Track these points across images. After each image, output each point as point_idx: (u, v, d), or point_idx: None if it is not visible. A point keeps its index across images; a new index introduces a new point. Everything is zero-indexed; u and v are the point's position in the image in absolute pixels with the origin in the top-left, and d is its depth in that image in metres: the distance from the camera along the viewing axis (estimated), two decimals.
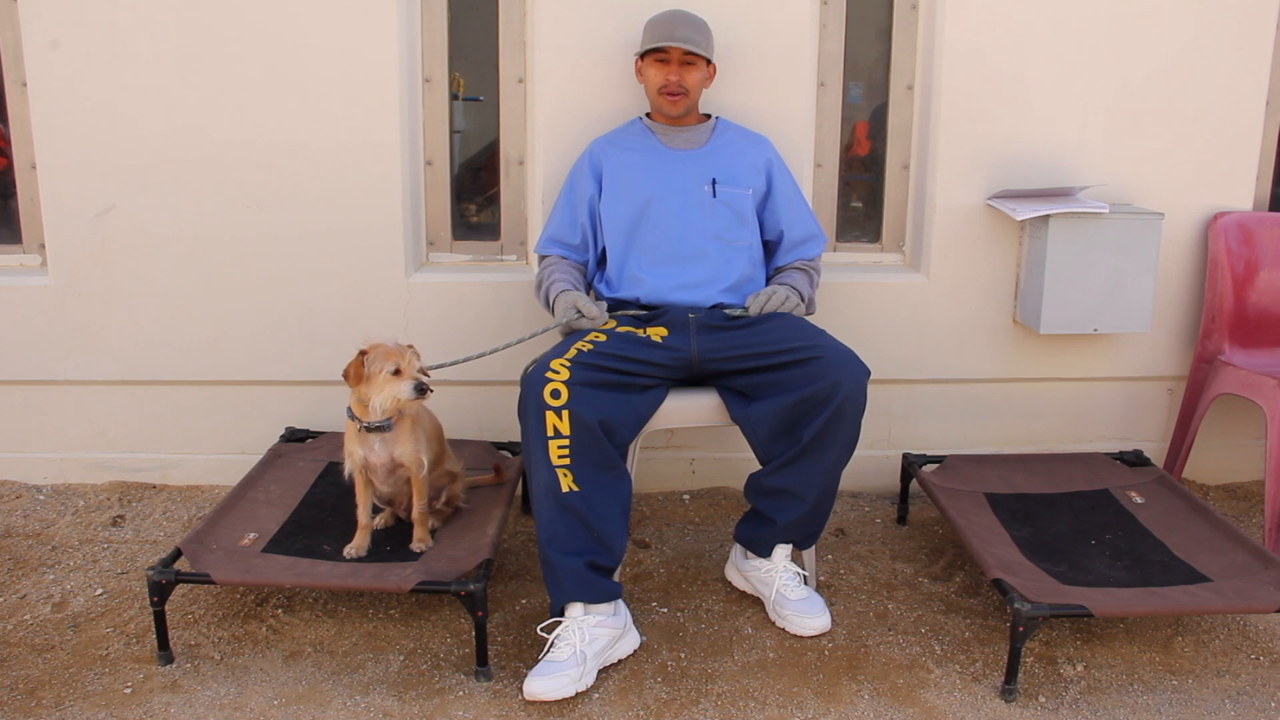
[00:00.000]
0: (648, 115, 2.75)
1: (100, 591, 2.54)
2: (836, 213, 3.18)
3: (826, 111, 3.10)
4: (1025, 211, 2.86)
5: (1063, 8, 2.93)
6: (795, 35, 2.91)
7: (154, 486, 3.14)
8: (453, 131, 3.07)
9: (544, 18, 2.87)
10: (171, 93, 2.86)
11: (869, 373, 2.31)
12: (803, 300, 2.58)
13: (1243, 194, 3.07)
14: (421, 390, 2.22)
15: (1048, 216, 2.85)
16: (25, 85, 2.92)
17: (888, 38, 3.09)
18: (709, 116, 2.76)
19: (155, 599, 2.19)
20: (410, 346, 2.30)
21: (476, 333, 3.01)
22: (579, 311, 2.44)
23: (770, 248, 2.71)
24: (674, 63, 2.58)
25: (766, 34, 2.89)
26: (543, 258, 2.73)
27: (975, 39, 2.93)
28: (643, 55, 2.63)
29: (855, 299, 3.06)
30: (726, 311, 2.50)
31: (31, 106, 2.89)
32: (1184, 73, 2.99)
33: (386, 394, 2.22)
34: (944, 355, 3.12)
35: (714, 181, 2.61)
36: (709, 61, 2.64)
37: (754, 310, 2.47)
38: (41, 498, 3.06)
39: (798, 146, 2.95)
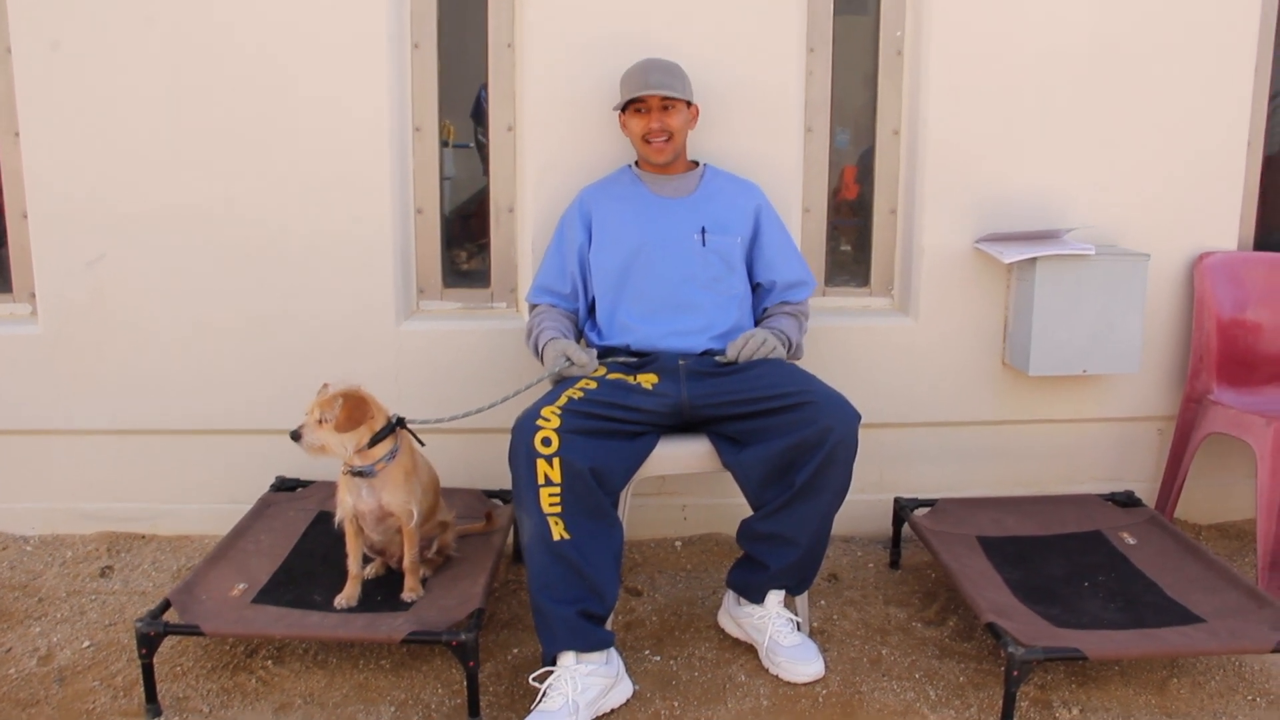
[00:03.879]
0: (636, 164, 2.76)
1: (87, 644, 2.52)
2: (825, 257, 3.19)
3: (814, 157, 3.13)
4: (1012, 254, 2.87)
5: (1047, 52, 2.97)
6: (782, 82, 2.94)
7: (143, 536, 3.13)
8: (443, 179, 3.09)
9: (533, 67, 2.90)
10: (162, 142, 2.89)
11: (860, 417, 2.30)
12: (789, 344, 2.59)
13: (1227, 234, 3.11)
14: (292, 436, 2.24)
15: (1035, 259, 2.87)
16: (17, 135, 2.94)
17: (873, 83, 3.12)
18: (697, 164, 2.77)
19: (143, 651, 2.18)
20: (324, 385, 2.31)
21: (467, 380, 3.01)
22: (569, 359, 2.44)
23: (759, 293, 2.72)
24: (653, 110, 2.60)
25: (754, 82, 2.92)
26: (533, 306, 2.73)
27: (960, 83, 2.97)
28: (622, 109, 2.65)
29: (845, 343, 3.06)
30: (716, 358, 2.50)
31: (23, 156, 2.91)
32: (1168, 115, 3.03)
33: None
34: (934, 398, 3.13)
35: (703, 229, 2.62)
36: (689, 103, 2.65)
37: (732, 355, 2.47)
38: (29, 549, 3.05)
39: (786, 192, 2.97)
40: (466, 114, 3.10)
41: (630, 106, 2.62)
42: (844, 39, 3.09)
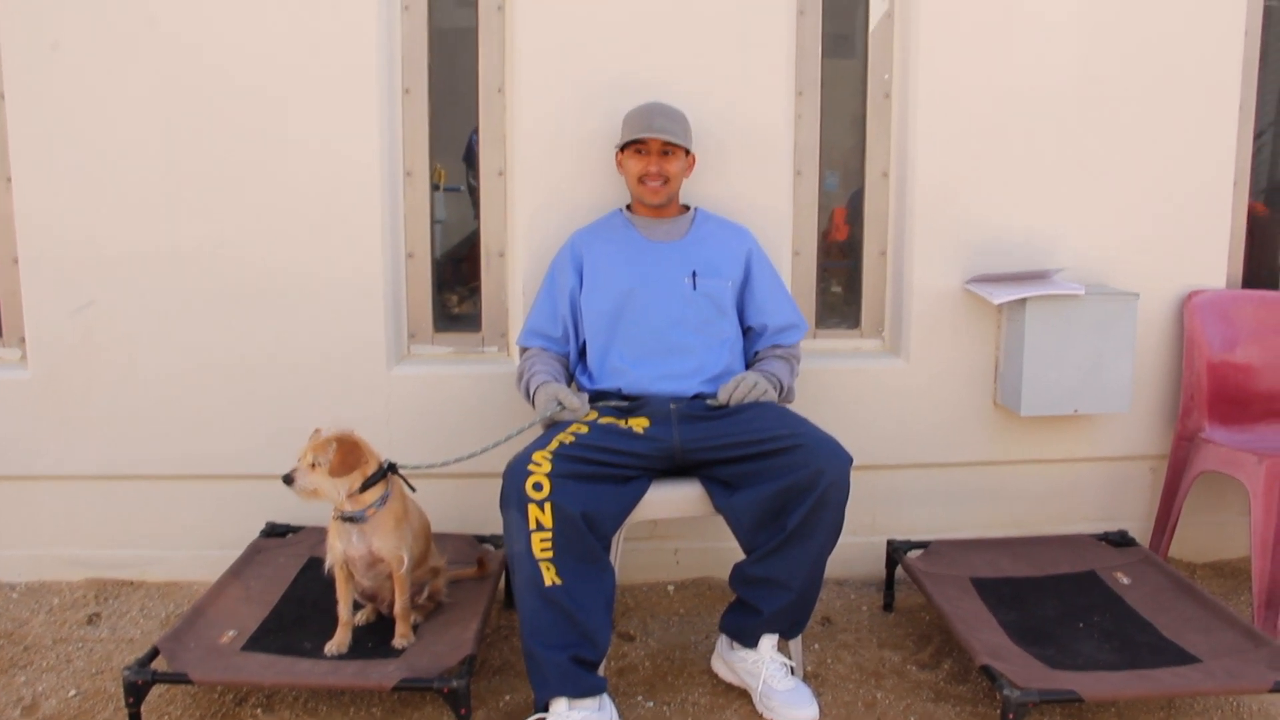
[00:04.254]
0: (628, 207, 2.78)
1: (74, 693, 2.48)
2: (816, 299, 3.20)
3: (803, 200, 3.14)
4: (1002, 295, 2.89)
5: (1034, 94, 2.99)
6: (772, 127, 2.95)
7: (131, 583, 3.11)
8: (434, 223, 3.10)
9: (523, 111, 2.91)
10: (153, 187, 2.89)
11: (851, 460, 2.30)
12: (780, 387, 2.58)
13: (1216, 272, 3.12)
14: (285, 480, 2.24)
15: (1025, 299, 2.88)
16: (9, 180, 2.95)
17: (862, 126, 3.14)
18: (688, 208, 2.78)
19: (131, 700, 2.15)
20: (317, 430, 2.32)
21: (458, 425, 3.01)
22: (560, 404, 2.43)
23: (751, 336, 2.72)
24: (653, 153, 2.61)
25: (743, 126, 2.94)
26: (524, 350, 2.73)
27: (948, 126, 2.99)
28: (622, 148, 2.66)
29: (836, 385, 3.06)
30: (708, 402, 2.49)
31: (15, 201, 2.92)
32: (1155, 155, 3.05)
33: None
34: (926, 440, 3.12)
35: (694, 273, 2.63)
36: (688, 151, 2.67)
37: (723, 398, 2.46)
38: (15, 595, 3.02)
39: (776, 235, 2.98)
40: (458, 158, 3.11)
41: (630, 146, 2.64)
42: (832, 82, 3.10)
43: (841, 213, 3.22)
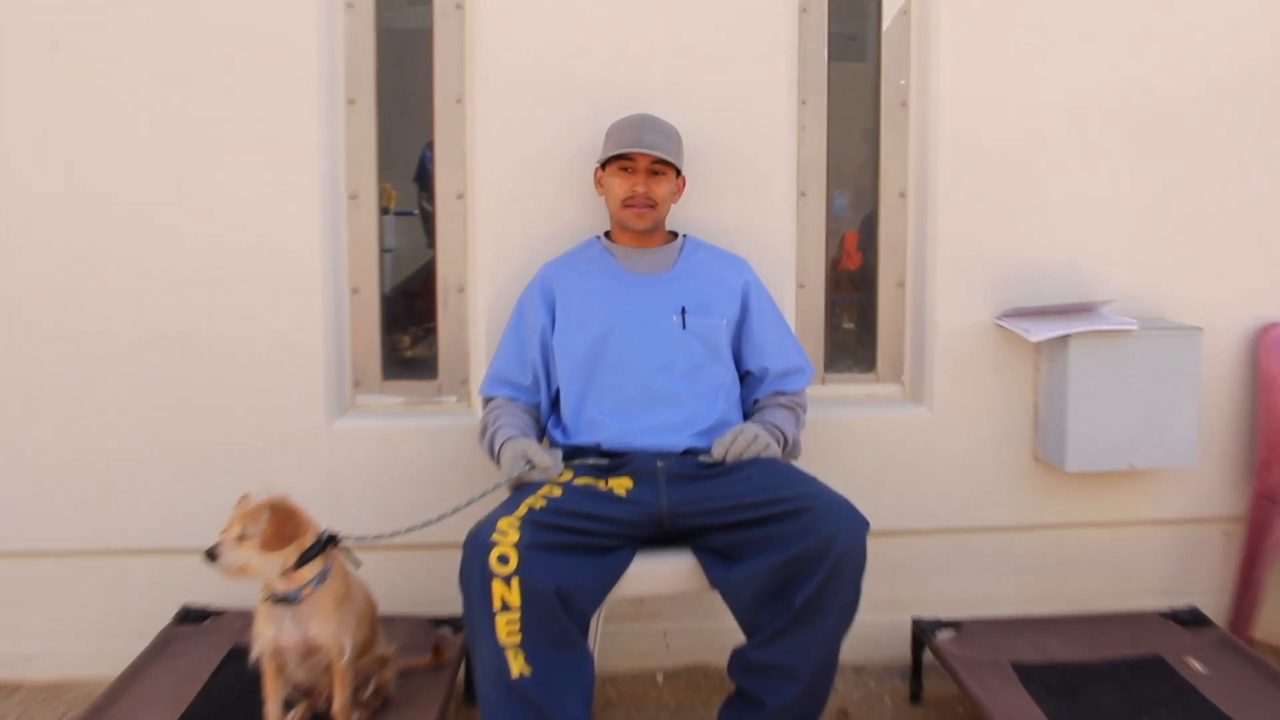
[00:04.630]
0: (606, 235, 2.79)
1: None
2: (824, 339, 3.18)
3: (809, 224, 3.14)
4: (1041, 332, 2.87)
5: (1078, 97, 2.99)
6: (771, 139, 2.96)
7: (8, 686, 3.01)
8: (382, 253, 3.08)
9: (486, 124, 2.91)
10: (54, 211, 2.88)
11: (868, 524, 2.27)
12: (783, 440, 2.57)
13: None
14: (207, 556, 2.18)
15: (1067, 337, 2.87)
16: None
17: (875, 139, 3.14)
18: (676, 235, 2.79)
19: None
20: (244, 496, 2.27)
21: (411, 488, 2.97)
22: (529, 462, 2.41)
23: (749, 382, 2.72)
24: (640, 172, 2.62)
25: (739, 139, 2.94)
26: (488, 400, 2.71)
27: (975, 137, 2.99)
28: (604, 164, 2.66)
29: (849, 438, 3.04)
30: (700, 458, 2.48)
31: None
32: (1219, 166, 3.05)
33: None
34: (955, 500, 3.10)
35: (683, 310, 2.63)
36: (679, 173, 2.69)
37: (719, 454, 2.45)
38: None
39: (778, 265, 2.98)
40: (410, 178, 3.12)
41: (614, 163, 2.64)
42: (841, 90, 3.10)
43: (853, 238, 3.22)
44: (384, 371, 3.14)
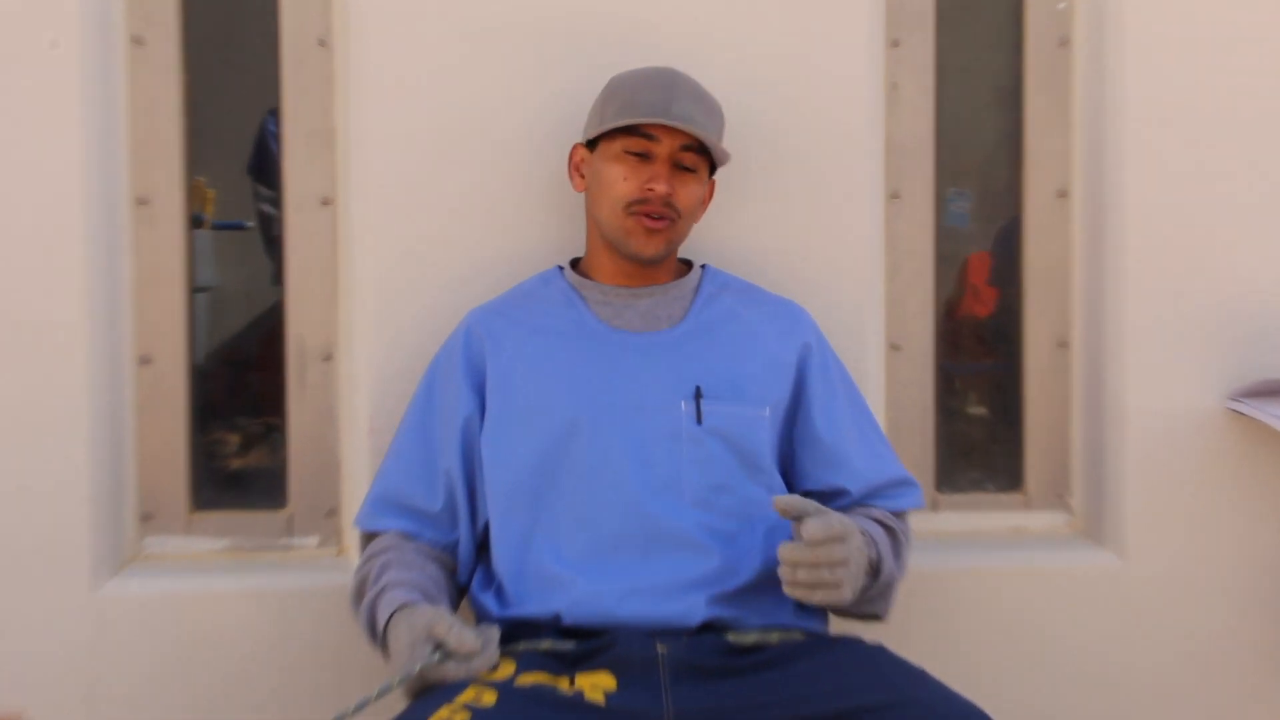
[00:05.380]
0: (574, 264, 2.65)
1: None
2: (934, 434, 3.06)
3: (905, 245, 3.01)
4: None
5: None
6: (835, 107, 2.85)
7: None
8: (192, 294, 2.93)
9: (370, 83, 2.79)
10: None
11: None
12: (876, 561, 2.38)
13: None
14: None
15: None
16: None
17: (1016, 103, 3.06)
18: (689, 265, 2.67)
19: None
20: None
21: (235, 693, 2.79)
22: (439, 647, 2.19)
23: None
24: (662, 161, 2.45)
25: (788, 109, 2.84)
26: (369, 537, 2.54)
27: (1184, 101, 2.88)
28: (594, 142, 2.53)
29: (976, 599, 2.92)
30: (730, 638, 2.31)
31: None
32: None
33: None
34: (1163, 701, 2.93)
35: (698, 393, 2.45)
36: (712, 169, 2.58)
37: (801, 559, 2.16)
38: None
39: (853, 314, 2.87)
40: (240, 169, 3.04)
41: (617, 141, 2.49)
42: (956, 22, 3.04)
43: (981, 267, 3.13)
44: (193, 496, 2.96)
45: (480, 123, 2.79)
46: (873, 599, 2.41)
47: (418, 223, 2.79)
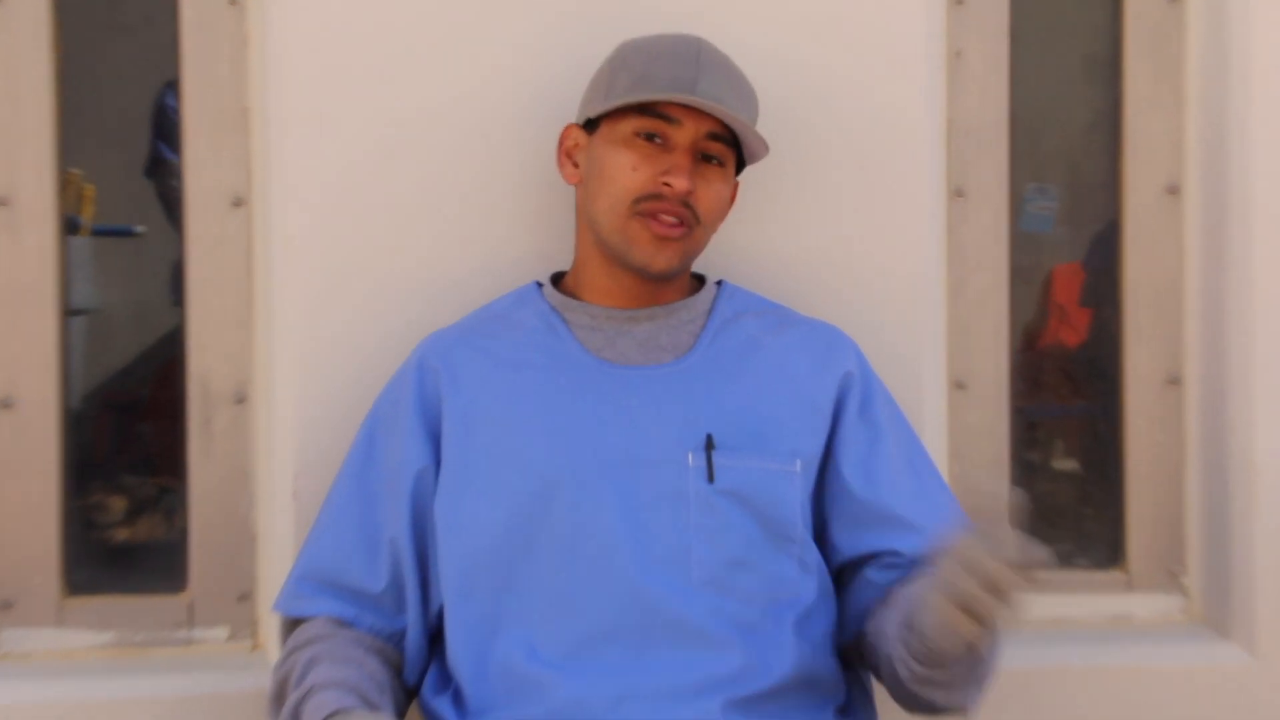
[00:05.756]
0: (557, 281, 2.53)
1: None
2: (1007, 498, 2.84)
3: (971, 255, 2.93)
4: None
5: None
6: (883, 82, 2.78)
7: None
8: (67, 317, 2.83)
9: (294, 50, 2.69)
10: None
11: None
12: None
13: None
14: None
15: None
16: None
17: (1114, 80, 2.99)
18: (701, 281, 2.57)
19: None
20: None
21: None
22: None
23: (860, 581, 2.43)
24: (682, 150, 2.34)
25: (820, 92, 2.77)
26: (293, 625, 2.42)
27: None
28: (592, 122, 2.42)
29: (1066, 705, 2.82)
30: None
31: None
32: None
33: None
34: None
35: (709, 443, 2.34)
36: (740, 166, 2.49)
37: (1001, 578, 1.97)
38: None
39: (908, 343, 2.79)
40: (130, 160, 3.18)
41: (624, 122, 2.38)
42: None
43: (1069, 282, 3.24)
44: (66, 578, 2.83)
45: (440, 103, 2.71)
46: (978, 678, 2.25)
47: (357, 228, 2.69)
